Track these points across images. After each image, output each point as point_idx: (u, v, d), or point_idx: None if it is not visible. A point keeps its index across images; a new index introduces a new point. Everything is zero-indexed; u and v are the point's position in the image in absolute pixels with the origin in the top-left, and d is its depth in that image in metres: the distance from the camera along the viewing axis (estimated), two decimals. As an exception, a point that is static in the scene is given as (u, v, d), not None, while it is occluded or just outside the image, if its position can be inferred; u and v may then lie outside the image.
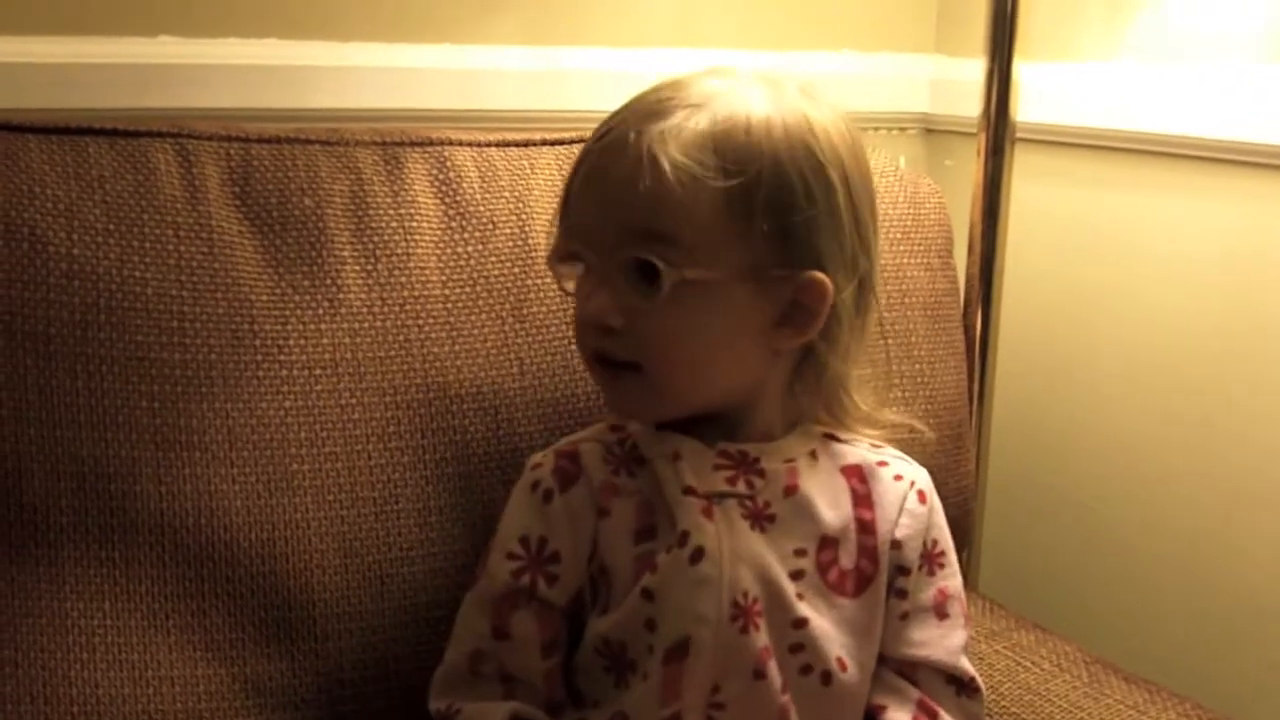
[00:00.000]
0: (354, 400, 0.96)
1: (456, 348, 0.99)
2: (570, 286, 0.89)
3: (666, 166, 0.79)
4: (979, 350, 1.29)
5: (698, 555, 0.82)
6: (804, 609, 0.84)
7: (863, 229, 0.85)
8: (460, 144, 1.06)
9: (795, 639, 0.84)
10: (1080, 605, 1.45)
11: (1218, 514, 1.31)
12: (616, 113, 0.86)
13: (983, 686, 0.91)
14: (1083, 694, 1.09)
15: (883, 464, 0.91)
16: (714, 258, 0.81)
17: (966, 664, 0.90)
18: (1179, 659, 1.34)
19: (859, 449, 0.92)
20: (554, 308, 1.03)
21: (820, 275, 0.83)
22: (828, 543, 0.86)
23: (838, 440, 0.91)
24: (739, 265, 0.82)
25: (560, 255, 0.88)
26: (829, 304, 0.84)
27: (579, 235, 0.85)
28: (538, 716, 0.84)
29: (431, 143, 1.05)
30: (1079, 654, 1.15)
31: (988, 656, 1.13)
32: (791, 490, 0.87)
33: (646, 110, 0.83)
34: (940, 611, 0.90)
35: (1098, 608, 1.43)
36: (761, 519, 0.85)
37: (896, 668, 0.89)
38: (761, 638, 0.83)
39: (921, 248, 1.18)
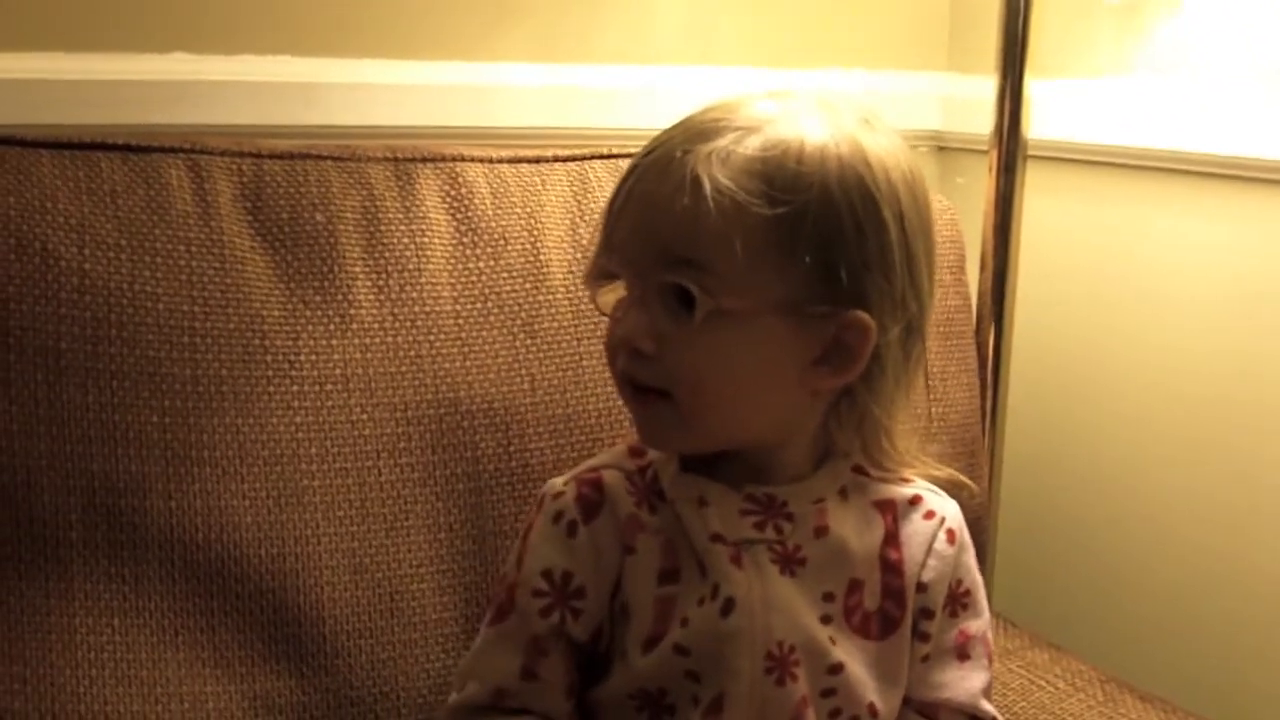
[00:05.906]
0: (365, 416, 0.96)
1: (468, 363, 0.99)
2: (604, 305, 0.85)
3: (708, 190, 0.76)
4: (991, 367, 1.28)
5: (728, 607, 0.80)
6: (839, 654, 0.82)
7: (915, 270, 0.81)
8: (472, 160, 1.06)
9: (829, 684, 0.82)
10: (1095, 623, 1.44)
11: (1233, 531, 1.30)
12: (667, 130, 0.82)
13: None
14: (1098, 713, 1.08)
15: (915, 500, 0.88)
16: (752, 288, 0.78)
17: (987, 706, 0.88)
18: (1195, 678, 1.33)
19: (889, 483, 0.88)
20: (565, 324, 1.03)
21: (864, 315, 0.79)
22: (855, 586, 0.84)
23: (867, 475, 0.88)
24: (779, 298, 0.78)
25: (597, 273, 0.85)
26: (871, 345, 0.80)
27: (617, 254, 0.82)
28: None
29: (443, 159, 1.05)
30: (1094, 673, 1.15)
31: (1002, 675, 1.12)
32: (823, 531, 0.84)
33: (697, 130, 0.80)
34: (962, 653, 0.87)
35: (1112, 626, 1.42)
36: (792, 563, 0.83)
37: (918, 708, 0.87)
38: (800, 688, 0.81)
39: (934, 264, 1.17)
